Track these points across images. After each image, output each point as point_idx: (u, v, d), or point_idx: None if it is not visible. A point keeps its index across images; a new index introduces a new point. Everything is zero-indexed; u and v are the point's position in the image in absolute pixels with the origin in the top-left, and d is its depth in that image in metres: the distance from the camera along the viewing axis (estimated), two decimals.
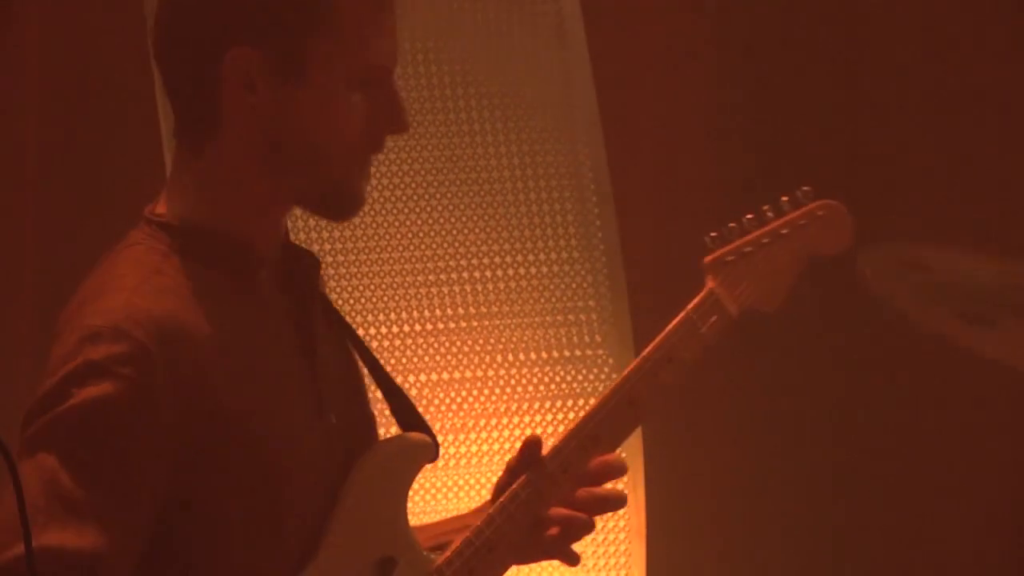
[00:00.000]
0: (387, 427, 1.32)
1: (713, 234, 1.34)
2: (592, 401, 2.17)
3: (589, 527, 1.21)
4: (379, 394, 1.23)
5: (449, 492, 2.10)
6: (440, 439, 1.21)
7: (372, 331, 2.14)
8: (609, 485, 1.23)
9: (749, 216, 1.34)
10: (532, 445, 1.20)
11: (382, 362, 1.25)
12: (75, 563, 0.93)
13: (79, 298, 1.06)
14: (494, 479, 1.29)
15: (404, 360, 2.15)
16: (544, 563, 1.28)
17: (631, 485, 2.17)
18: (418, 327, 2.16)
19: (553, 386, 2.20)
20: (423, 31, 2.17)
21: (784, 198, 1.35)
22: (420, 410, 1.26)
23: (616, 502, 1.24)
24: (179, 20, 1.07)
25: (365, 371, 1.22)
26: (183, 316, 1.01)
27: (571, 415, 2.17)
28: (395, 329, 2.16)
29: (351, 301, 2.16)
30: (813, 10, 3.16)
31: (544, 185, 2.25)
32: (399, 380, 2.20)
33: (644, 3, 3.34)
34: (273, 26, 1.04)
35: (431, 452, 1.15)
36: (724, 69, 3.89)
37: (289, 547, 1.06)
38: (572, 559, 1.23)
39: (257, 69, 1.04)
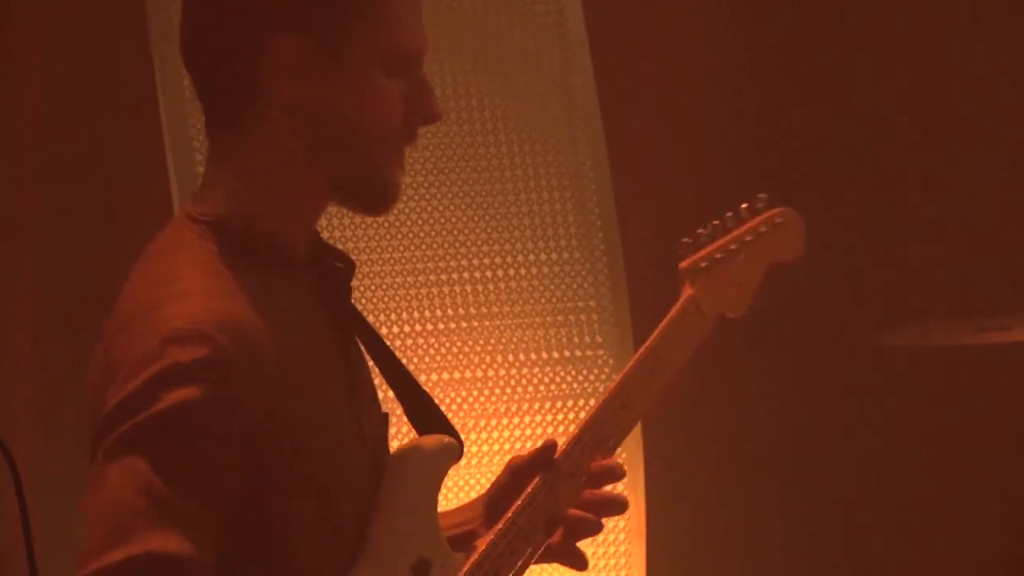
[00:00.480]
0: (398, 425, 1.32)
1: (686, 239, 1.37)
2: (592, 401, 2.18)
3: (598, 528, 1.23)
4: (391, 393, 1.24)
5: (449, 492, 2.10)
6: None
7: None
8: (608, 488, 1.25)
9: (715, 222, 1.37)
10: (549, 448, 1.22)
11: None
12: (178, 567, 0.93)
13: (140, 298, 1.04)
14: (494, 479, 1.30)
15: (404, 360, 2.15)
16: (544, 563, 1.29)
17: (631, 485, 2.17)
18: (419, 327, 2.16)
19: (553, 386, 2.20)
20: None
21: (744, 205, 1.38)
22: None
23: (620, 505, 1.26)
24: (216, 8, 1.06)
25: (377, 368, 1.22)
26: (251, 319, 1.01)
27: (571, 415, 2.17)
28: (395, 329, 2.16)
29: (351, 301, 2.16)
30: (813, 9, 3.16)
31: (544, 185, 2.25)
32: None
33: (645, 2, 3.34)
34: (315, 12, 1.04)
35: (458, 452, 1.16)
36: (725, 69, 3.88)
37: (343, 547, 1.07)
38: (581, 562, 1.24)
39: (300, 56, 1.04)
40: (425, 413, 1.20)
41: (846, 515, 2.86)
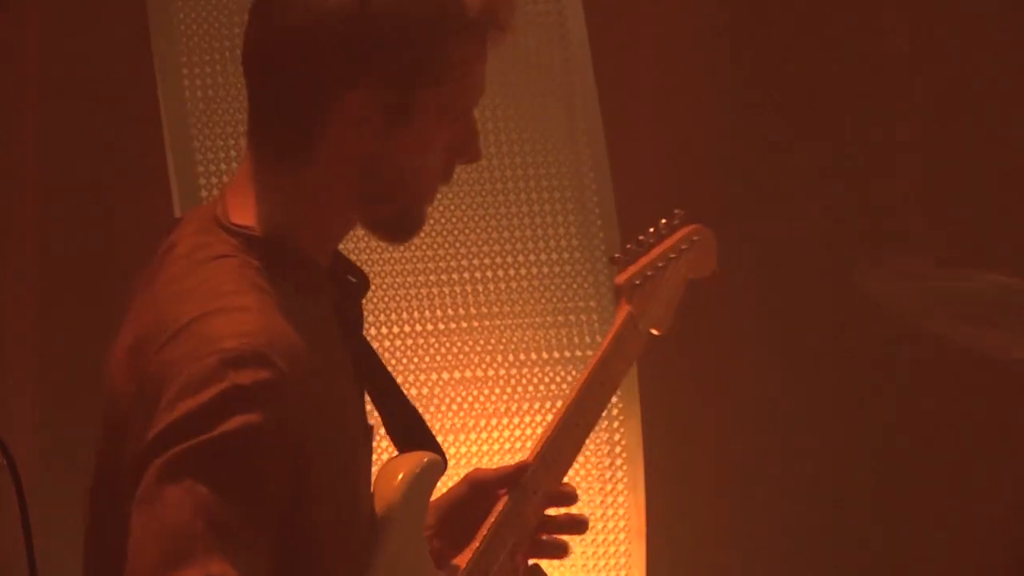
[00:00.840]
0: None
1: (617, 255, 1.41)
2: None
3: (566, 551, 1.26)
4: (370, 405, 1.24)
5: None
6: (440, 439, 1.23)
7: (372, 331, 2.14)
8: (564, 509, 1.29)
9: (641, 237, 1.41)
10: (524, 468, 1.24)
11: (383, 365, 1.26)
12: None
13: (184, 305, 1.02)
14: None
15: (405, 360, 2.15)
16: (543, 563, 1.29)
17: (631, 485, 2.17)
18: (419, 327, 2.16)
19: (553, 386, 2.20)
20: None
21: (662, 221, 1.42)
22: (420, 411, 1.27)
23: (583, 526, 1.29)
24: (301, 46, 1.05)
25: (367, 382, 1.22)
26: (297, 338, 1.01)
27: None
28: (395, 329, 2.16)
29: None
30: (814, 9, 3.16)
31: (545, 185, 2.25)
32: (399, 380, 2.21)
33: (645, 3, 3.33)
34: (394, 73, 1.05)
35: (442, 468, 1.16)
36: (725, 69, 3.88)
37: (360, 567, 1.07)
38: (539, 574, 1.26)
39: (372, 112, 1.05)
40: (410, 428, 1.20)
41: (846, 515, 2.86)
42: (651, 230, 1.40)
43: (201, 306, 1.01)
